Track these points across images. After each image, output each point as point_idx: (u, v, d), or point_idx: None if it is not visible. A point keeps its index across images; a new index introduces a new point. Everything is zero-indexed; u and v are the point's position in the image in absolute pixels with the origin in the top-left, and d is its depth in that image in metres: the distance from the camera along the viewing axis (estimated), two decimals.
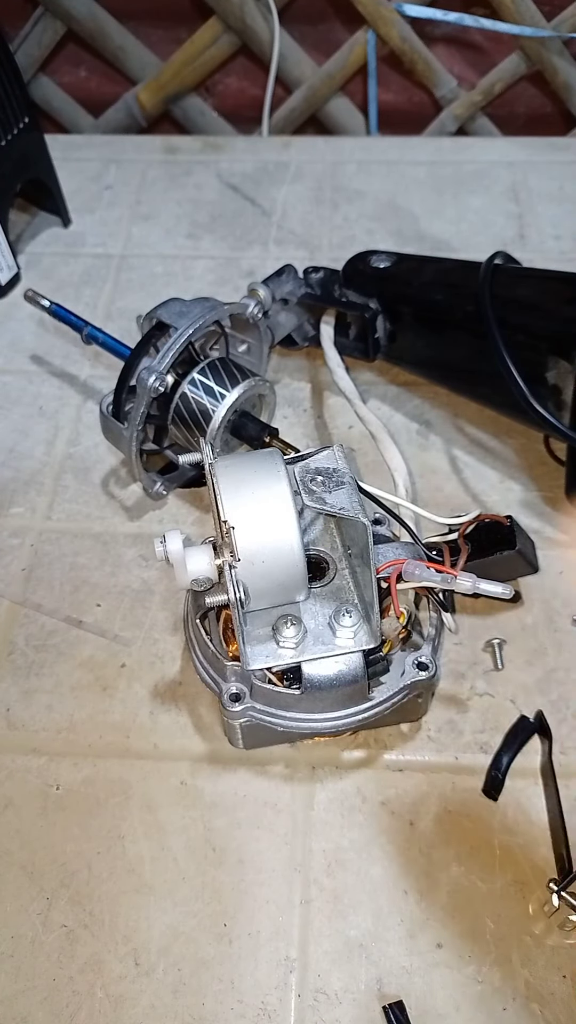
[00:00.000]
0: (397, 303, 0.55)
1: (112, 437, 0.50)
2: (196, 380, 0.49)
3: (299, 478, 0.39)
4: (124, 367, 0.49)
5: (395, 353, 0.57)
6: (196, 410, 0.49)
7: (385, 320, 0.55)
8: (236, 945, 0.36)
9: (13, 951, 0.36)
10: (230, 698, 0.39)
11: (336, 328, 0.57)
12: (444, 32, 0.82)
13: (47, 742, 0.42)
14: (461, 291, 0.51)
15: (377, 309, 0.55)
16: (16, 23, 0.83)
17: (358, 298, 0.56)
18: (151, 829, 0.39)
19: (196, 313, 0.48)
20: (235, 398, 0.48)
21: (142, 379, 0.47)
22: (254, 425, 0.50)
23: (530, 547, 0.46)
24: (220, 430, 0.48)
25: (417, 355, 0.57)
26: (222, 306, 0.50)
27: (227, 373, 0.50)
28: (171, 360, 0.47)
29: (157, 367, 0.47)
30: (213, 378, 0.49)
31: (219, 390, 0.49)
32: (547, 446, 0.54)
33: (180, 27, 0.83)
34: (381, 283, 0.55)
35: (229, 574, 0.36)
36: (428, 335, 0.55)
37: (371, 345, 0.56)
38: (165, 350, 0.47)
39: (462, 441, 0.55)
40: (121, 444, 0.49)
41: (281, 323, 0.57)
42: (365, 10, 0.79)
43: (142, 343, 0.50)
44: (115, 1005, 0.35)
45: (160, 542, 0.38)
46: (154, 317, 0.49)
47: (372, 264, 0.56)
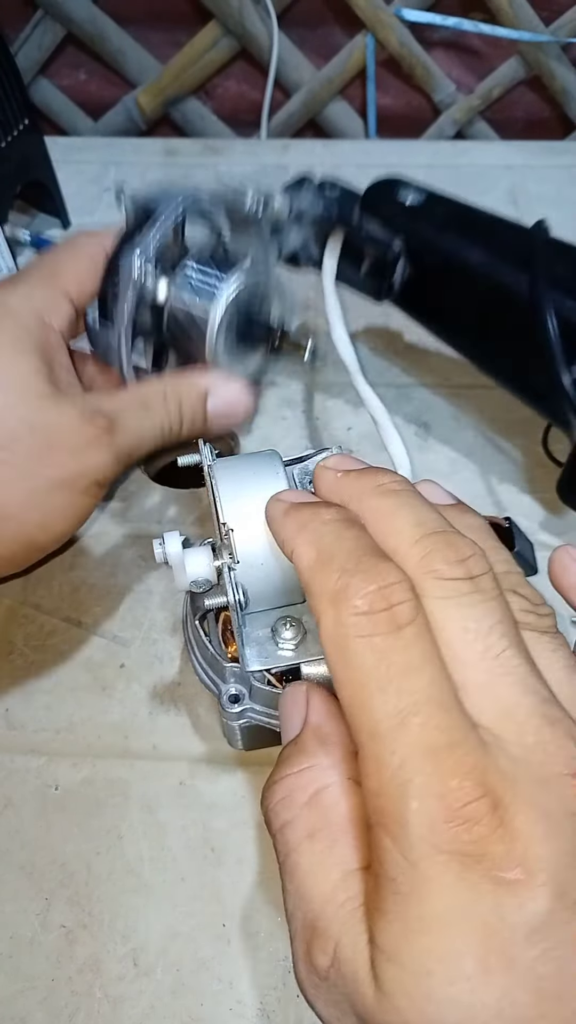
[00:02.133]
0: (424, 250, 0.49)
1: (101, 348, 0.46)
2: (185, 278, 0.42)
3: (298, 479, 0.39)
4: (110, 260, 0.43)
5: (407, 300, 0.52)
6: (189, 314, 0.42)
7: (406, 264, 0.50)
8: (235, 945, 0.36)
9: (12, 951, 0.36)
10: (229, 699, 0.39)
11: (344, 256, 0.51)
12: (443, 37, 0.83)
13: (46, 742, 0.42)
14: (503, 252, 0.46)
15: (400, 250, 0.49)
16: (16, 26, 0.84)
17: (380, 232, 0.49)
18: (150, 829, 0.39)
19: (182, 197, 0.43)
20: (232, 288, 0.42)
21: (124, 263, 0.41)
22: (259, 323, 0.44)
23: (529, 549, 0.46)
24: (222, 335, 0.42)
25: (434, 310, 0.52)
26: (218, 191, 0.44)
27: (218, 263, 0.43)
28: (156, 239, 0.41)
29: (143, 243, 0.41)
30: (205, 271, 0.43)
31: (212, 284, 0.42)
32: (545, 447, 0.54)
33: (179, 31, 0.83)
34: (408, 222, 0.49)
35: (228, 576, 0.36)
36: (454, 293, 0.49)
37: (384, 287, 0.50)
38: (152, 230, 0.41)
39: (461, 442, 0.55)
40: (110, 355, 0.44)
41: (289, 238, 0.50)
42: (364, 15, 0.79)
43: (130, 230, 0.44)
44: (114, 1005, 0.35)
45: (159, 543, 0.38)
46: (142, 204, 0.43)
47: (399, 197, 0.50)
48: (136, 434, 0.42)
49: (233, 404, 0.45)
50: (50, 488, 0.40)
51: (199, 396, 0.44)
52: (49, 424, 0.39)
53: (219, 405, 0.45)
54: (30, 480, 0.39)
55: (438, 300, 0.51)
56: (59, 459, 0.39)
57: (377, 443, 0.49)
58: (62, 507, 0.41)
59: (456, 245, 0.48)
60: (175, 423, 0.44)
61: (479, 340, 0.50)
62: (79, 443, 0.40)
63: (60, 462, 0.39)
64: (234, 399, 0.45)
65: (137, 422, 0.42)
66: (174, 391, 0.43)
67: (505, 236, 0.48)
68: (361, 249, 0.50)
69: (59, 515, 0.41)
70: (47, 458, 0.39)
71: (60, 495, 0.40)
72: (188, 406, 0.44)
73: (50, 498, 0.40)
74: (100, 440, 0.40)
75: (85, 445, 0.40)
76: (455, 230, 0.49)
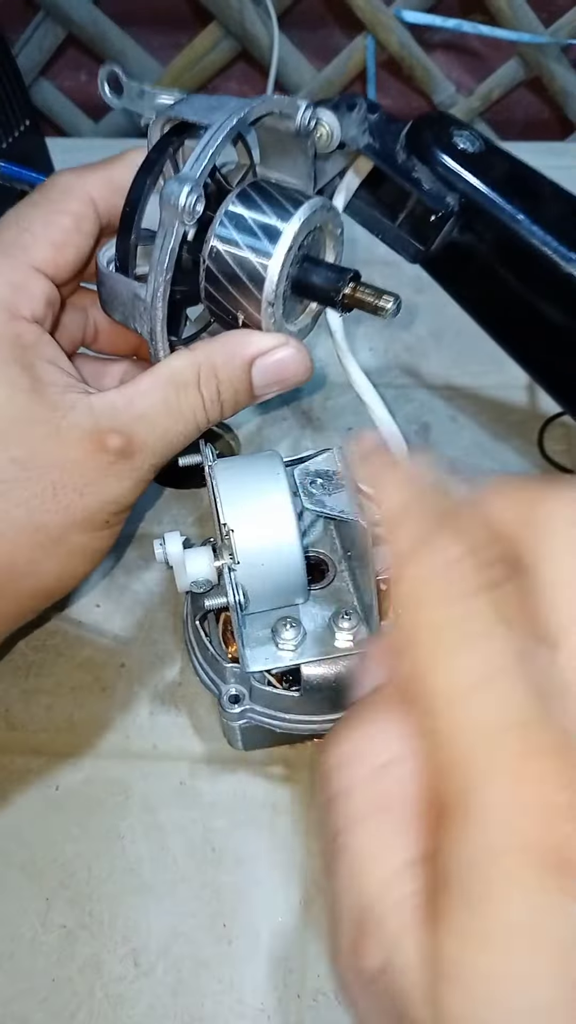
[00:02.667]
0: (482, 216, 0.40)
1: (119, 305, 0.35)
2: (238, 215, 0.33)
3: (299, 480, 0.39)
4: (131, 191, 0.34)
5: (444, 267, 0.44)
6: (246, 260, 0.33)
7: (455, 226, 0.41)
8: (236, 945, 0.36)
9: (12, 951, 0.36)
10: (229, 700, 0.39)
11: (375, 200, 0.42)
12: (443, 38, 0.83)
13: (47, 742, 0.42)
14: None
15: (453, 210, 0.40)
16: (17, 27, 0.84)
17: (431, 181, 0.40)
18: (151, 829, 0.39)
19: (235, 106, 0.33)
20: (297, 229, 0.33)
21: (169, 197, 0.31)
22: (325, 272, 0.35)
23: None
24: (282, 285, 0.33)
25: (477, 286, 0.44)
26: (269, 98, 0.34)
27: (279, 196, 0.34)
28: (209, 165, 0.31)
29: (190, 175, 0.31)
30: (259, 206, 0.33)
31: (272, 221, 0.33)
32: (541, 449, 0.54)
33: (180, 32, 0.83)
34: (466, 178, 0.40)
35: (228, 577, 0.36)
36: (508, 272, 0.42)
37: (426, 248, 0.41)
38: (199, 152, 0.31)
39: (461, 443, 0.55)
40: (135, 312, 0.34)
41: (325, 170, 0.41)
42: (364, 16, 0.79)
43: (156, 152, 0.34)
44: (114, 1005, 0.35)
45: (159, 544, 0.38)
46: (172, 117, 0.34)
47: (455, 140, 0.41)
48: (164, 443, 0.34)
49: (285, 369, 0.35)
50: (61, 534, 0.33)
51: (242, 369, 0.34)
52: (47, 458, 0.32)
53: (269, 373, 0.35)
54: (35, 531, 0.32)
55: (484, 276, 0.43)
56: (66, 500, 0.32)
57: None
58: (80, 549, 0.34)
59: (521, 217, 0.41)
60: (213, 413, 0.35)
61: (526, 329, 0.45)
62: (89, 476, 0.32)
63: (68, 503, 0.32)
64: (286, 362, 0.35)
65: (164, 428, 0.34)
66: (209, 369, 0.34)
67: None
68: (401, 196, 0.42)
69: (78, 558, 0.35)
70: (51, 502, 0.32)
71: (75, 537, 0.34)
72: (229, 385, 0.34)
73: (63, 544, 0.33)
74: (115, 468, 0.33)
75: (97, 477, 0.33)
76: (520, 198, 0.41)
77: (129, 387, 0.34)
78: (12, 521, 0.32)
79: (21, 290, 0.33)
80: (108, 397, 0.33)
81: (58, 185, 0.35)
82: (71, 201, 0.35)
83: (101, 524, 0.34)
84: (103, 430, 0.32)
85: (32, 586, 0.35)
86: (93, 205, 0.35)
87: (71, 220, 0.35)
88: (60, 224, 0.34)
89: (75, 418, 0.32)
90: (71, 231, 0.35)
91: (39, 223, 0.34)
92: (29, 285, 0.34)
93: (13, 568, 0.33)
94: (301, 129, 0.35)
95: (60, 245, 0.34)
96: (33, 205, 0.35)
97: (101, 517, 0.34)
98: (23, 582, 0.34)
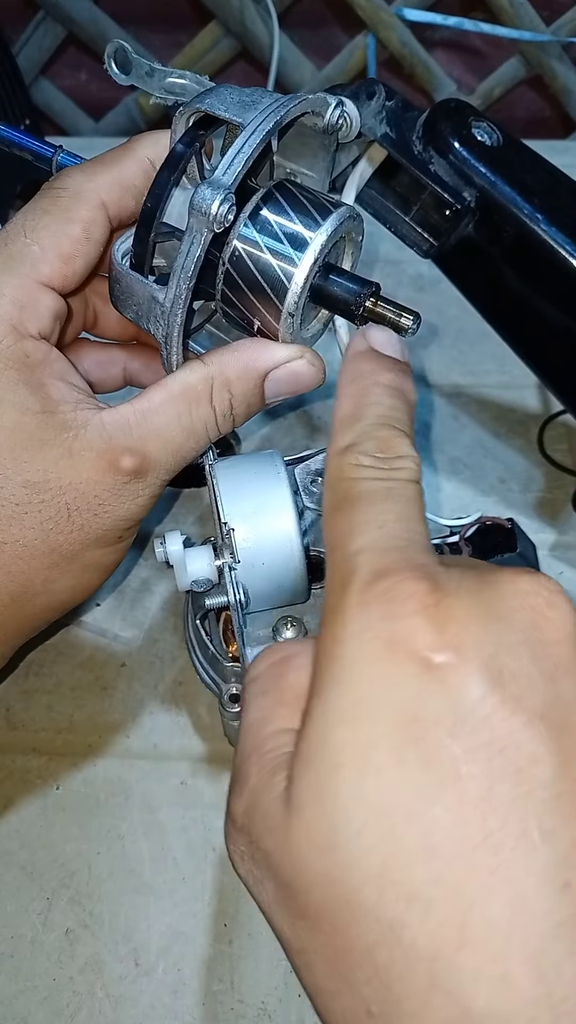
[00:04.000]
0: (499, 214, 0.39)
1: (133, 304, 0.33)
2: (262, 218, 0.32)
3: (299, 479, 0.39)
4: (154, 187, 0.32)
5: (456, 266, 0.43)
6: (271, 266, 0.32)
7: (470, 222, 0.39)
8: (236, 945, 0.36)
9: (13, 951, 0.36)
10: (230, 699, 0.39)
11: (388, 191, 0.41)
12: (444, 36, 0.83)
13: (47, 742, 0.42)
14: None
15: (470, 205, 0.39)
16: (17, 27, 0.84)
17: (448, 175, 0.39)
18: (151, 829, 0.39)
19: (268, 104, 0.31)
20: (326, 238, 0.31)
21: (201, 203, 0.29)
22: (347, 284, 0.33)
23: (531, 550, 0.46)
24: (304, 295, 0.32)
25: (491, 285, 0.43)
26: (305, 97, 0.32)
27: (308, 202, 0.32)
28: (243, 172, 0.30)
29: (223, 182, 0.29)
30: (287, 211, 0.32)
31: (299, 229, 0.31)
32: (541, 448, 0.54)
33: (180, 31, 0.83)
34: (485, 173, 0.39)
35: (229, 576, 0.36)
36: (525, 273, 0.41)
37: (440, 244, 0.40)
38: (234, 156, 0.30)
39: (462, 442, 0.55)
40: (151, 314, 0.33)
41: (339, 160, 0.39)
42: (365, 14, 0.79)
43: (182, 147, 0.32)
44: (115, 1005, 0.35)
45: (160, 543, 0.38)
46: (197, 110, 0.32)
47: (474, 131, 0.40)
48: (177, 459, 0.34)
49: (298, 380, 0.34)
50: (76, 553, 0.33)
51: (255, 383, 0.34)
52: (60, 480, 0.32)
53: (282, 384, 0.34)
54: (50, 552, 0.33)
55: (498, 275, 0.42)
56: (80, 520, 0.32)
57: None
58: (94, 565, 0.35)
59: (540, 216, 0.39)
60: (225, 426, 0.35)
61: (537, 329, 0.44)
62: (103, 496, 0.32)
63: (82, 524, 0.32)
64: (300, 373, 0.34)
65: (176, 444, 0.34)
66: (222, 382, 0.33)
67: None
68: (415, 188, 0.40)
69: (91, 573, 0.35)
70: (65, 523, 0.32)
71: (89, 555, 0.34)
72: (242, 399, 0.34)
73: (78, 562, 0.34)
74: (129, 488, 0.33)
75: (110, 498, 0.32)
76: (538, 195, 0.39)
77: (141, 401, 0.33)
78: (27, 544, 0.32)
79: (27, 308, 0.32)
80: (120, 413, 0.33)
81: (68, 189, 0.34)
82: (82, 207, 0.33)
83: (114, 540, 0.34)
84: (115, 449, 0.32)
85: (46, 602, 0.35)
86: (104, 209, 0.34)
87: (81, 229, 0.33)
88: (70, 234, 0.33)
89: (87, 438, 0.32)
90: (80, 241, 0.33)
91: (47, 234, 0.33)
92: (36, 302, 0.33)
93: (28, 587, 0.33)
94: (329, 127, 0.33)
95: (69, 257, 0.33)
96: (42, 212, 0.33)
97: (114, 534, 0.34)
98: (38, 600, 0.34)
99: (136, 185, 0.34)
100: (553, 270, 0.40)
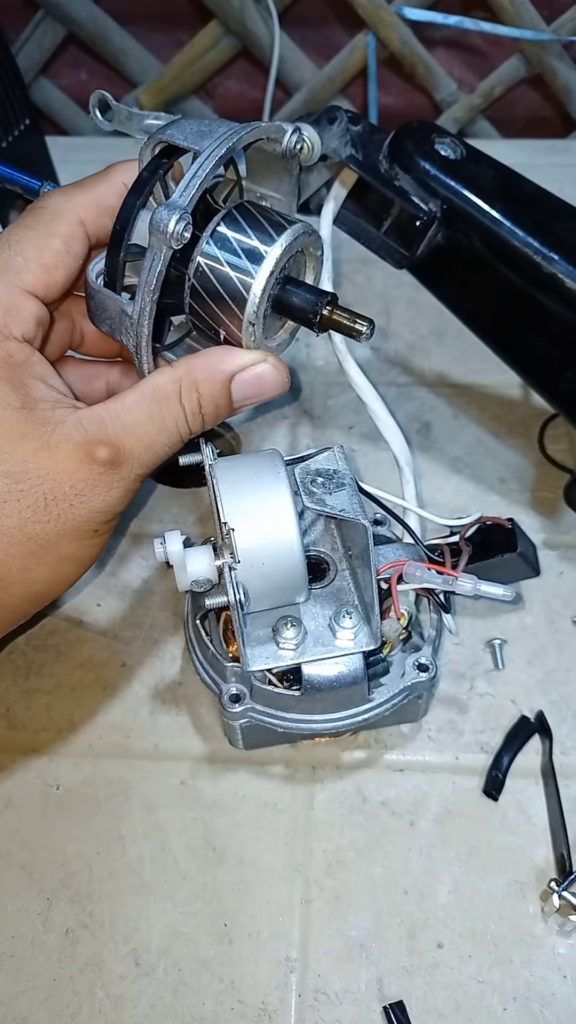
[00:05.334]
0: (465, 221, 0.41)
1: (107, 318, 0.37)
2: (224, 236, 0.35)
3: (299, 479, 0.39)
4: (121, 211, 0.35)
5: (430, 271, 0.45)
6: (229, 279, 0.35)
7: (439, 231, 0.42)
8: (236, 945, 0.36)
9: (13, 951, 0.36)
10: (230, 699, 0.39)
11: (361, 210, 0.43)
12: (444, 35, 0.82)
13: (47, 742, 0.42)
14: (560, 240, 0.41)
15: (436, 215, 0.41)
16: (17, 26, 0.83)
17: (414, 189, 0.42)
18: (151, 829, 0.39)
19: (223, 132, 0.34)
20: (280, 253, 0.34)
21: (159, 223, 0.32)
22: (304, 294, 0.36)
23: (531, 550, 0.46)
24: (263, 305, 0.35)
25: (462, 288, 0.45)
26: (258, 125, 0.36)
27: (264, 220, 0.35)
28: (198, 194, 0.33)
29: (179, 203, 0.32)
30: (245, 229, 0.35)
31: (256, 245, 0.34)
32: (541, 447, 0.54)
33: (180, 30, 0.83)
34: (448, 184, 0.42)
35: (229, 576, 0.36)
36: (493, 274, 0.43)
37: (411, 255, 0.43)
38: (189, 180, 0.33)
39: (463, 441, 0.55)
40: (122, 326, 0.36)
41: (308, 183, 0.43)
42: (365, 13, 0.79)
43: (147, 173, 0.36)
44: (115, 1005, 0.35)
45: (160, 543, 0.38)
46: (160, 140, 0.35)
47: (436, 147, 0.42)
48: (149, 453, 0.36)
49: (264, 383, 0.37)
50: (52, 543, 0.35)
51: (222, 384, 0.36)
52: (38, 471, 0.33)
53: (247, 388, 0.37)
54: (27, 541, 0.34)
55: (470, 279, 0.44)
56: (57, 510, 0.34)
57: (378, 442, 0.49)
58: (71, 555, 0.36)
59: (503, 221, 0.41)
60: (195, 424, 0.37)
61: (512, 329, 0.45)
62: (79, 487, 0.34)
63: (59, 513, 0.34)
64: (265, 377, 0.37)
65: (149, 439, 0.36)
66: (190, 383, 0.36)
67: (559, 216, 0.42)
68: (385, 204, 0.42)
69: (68, 565, 0.36)
70: (42, 512, 0.34)
71: (66, 546, 0.35)
72: (210, 400, 0.37)
73: (54, 552, 0.35)
74: (104, 478, 0.34)
75: (86, 488, 0.34)
76: (501, 200, 0.42)
77: (115, 402, 0.36)
78: (5, 531, 0.34)
79: (11, 312, 0.35)
80: (95, 411, 0.35)
81: (49, 208, 0.37)
82: (61, 224, 0.36)
83: (90, 533, 0.36)
84: (91, 442, 0.34)
85: (23, 592, 0.36)
86: (82, 226, 0.37)
87: (61, 242, 0.36)
88: (51, 247, 0.36)
89: (64, 432, 0.34)
90: (61, 253, 0.36)
91: (30, 246, 0.36)
92: (19, 307, 0.35)
93: (5, 575, 0.34)
94: (287, 152, 0.36)
95: (50, 267, 0.36)
96: (25, 228, 0.37)
97: (90, 526, 0.35)
98: (14, 588, 0.35)
99: (112, 206, 0.36)
100: (520, 269, 0.41)
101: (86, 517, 0.35)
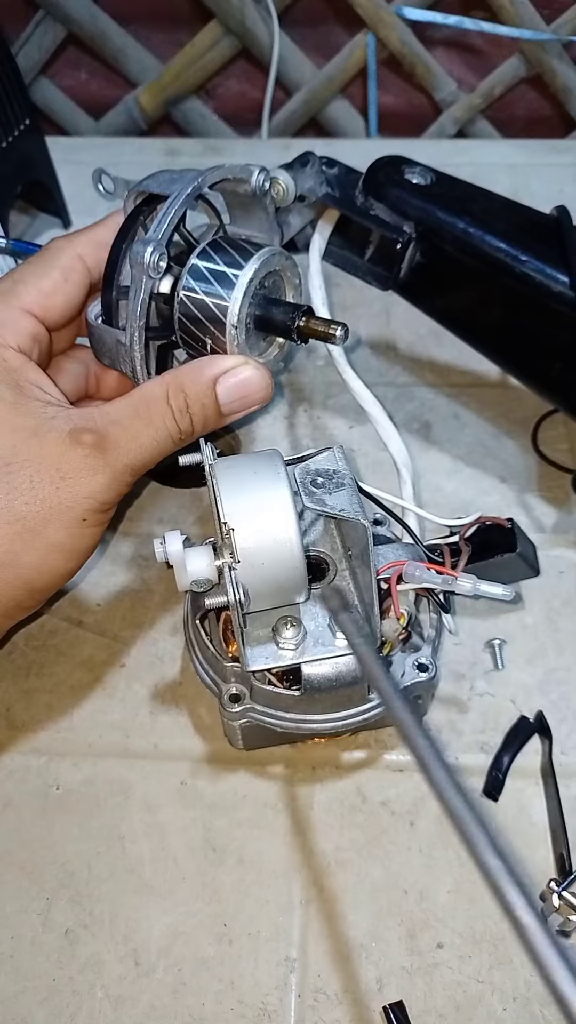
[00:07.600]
0: (437, 235, 0.45)
1: (107, 351, 0.42)
2: (197, 268, 0.40)
3: (299, 479, 0.39)
4: (110, 255, 0.40)
5: (415, 289, 0.49)
6: (206, 304, 0.39)
7: (417, 250, 0.46)
8: (236, 945, 0.36)
9: (13, 951, 0.36)
10: (230, 699, 0.39)
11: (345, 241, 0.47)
12: (444, 35, 0.83)
13: (47, 742, 0.42)
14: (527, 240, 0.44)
15: (412, 236, 0.45)
16: (17, 26, 0.83)
17: (388, 215, 0.46)
18: (151, 829, 0.39)
19: (191, 177, 0.40)
20: (250, 276, 0.39)
21: (136, 256, 0.38)
22: (281, 309, 0.40)
23: (531, 550, 0.46)
24: (243, 324, 0.40)
25: (446, 300, 0.49)
26: (222, 167, 0.41)
27: (234, 249, 0.40)
28: (169, 228, 0.38)
29: (153, 238, 0.38)
30: (218, 259, 0.40)
31: (229, 271, 0.39)
32: (535, 445, 0.54)
33: (180, 30, 0.83)
34: (418, 204, 0.46)
35: (229, 576, 0.36)
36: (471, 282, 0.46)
37: (393, 275, 0.47)
38: (160, 217, 0.39)
39: (462, 441, 0.55)
40: (119, 355, 0.41)
41: (290, 223, 0.47)
42: (365, 13, 0.79)
43: (129, 221, 0.41)
44: (115, 1005, 0.35)
45: (160, 543, 0.38)
46: (141, 191, 0.41)
47: (406, 176, 0.46)
48: (136, 444, 0.38)
49: (248, 386, 0.40)
50: (38, 526, 0.36)
51: (206, 386, 0.39)
52: (26, 454, 0.36)
53: (232, 390, 0.40)
54: (13, 522, 0.36)
55: (452, 289, 0.48)
56: (42, 492, 0.36)
57: (378, 442, 0.49)
58: (59, 543, 0.37)
59: (473, 230, 0.44)
60: (184, 423, 0.39)
61: (496, 331, 0.48)
62: (64, 470, 0.36)
63: (44, 496, 0.36)
64: (248, 380, 0.40)
65: (135, 431, 0.38)
66: (176, 386, 0.39)
67: (527, 223, 0.45)
68: (366, 234, 0.46)
69: (57, 553, 0.37)
70: (28, 494, 0.36)
71: (53, 531, 0.36)
72: (196, 400, 0.39)
73: (42, 537, 0.36)
74: (88, 462, 0.36)
75: (71, 471, 0.36)
76: (470, 214, 0.45)
77: (105, 404, 0.39)
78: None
79: (7, 325, 0.39)
80: (85, 409, 0.39)
81: (51, 248, 0.42)
82: (61, 257, 0.41)
83: (77, 521, 0.37)
84: (78, 429, 0.37)
85: (13, 575, 0.37)
86: (82, 260, 0.41)
87: (60, 272, 0.41)
88: (50, 276, 0.41)
89: (54, 424, 0.37)
90: (59, 281, 0.41)
91: (31, 275, 0.41)
92: (16, 321, 0.39)
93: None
94: (257, 190, 0.41)
95: (49, 292, 0.41)
96: (29, 264, 0.42)
97: (76, 513, 0.37)
98: (3, 571, 0.36)
99: (109, 243, 0.41)
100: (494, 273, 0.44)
101: (71, 502, 0.36)
